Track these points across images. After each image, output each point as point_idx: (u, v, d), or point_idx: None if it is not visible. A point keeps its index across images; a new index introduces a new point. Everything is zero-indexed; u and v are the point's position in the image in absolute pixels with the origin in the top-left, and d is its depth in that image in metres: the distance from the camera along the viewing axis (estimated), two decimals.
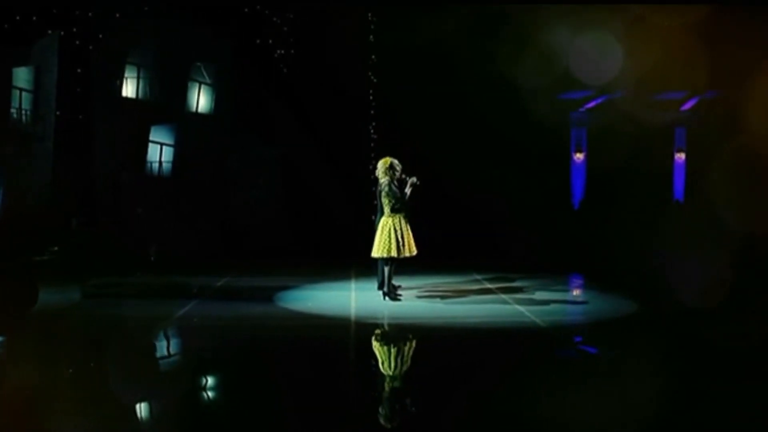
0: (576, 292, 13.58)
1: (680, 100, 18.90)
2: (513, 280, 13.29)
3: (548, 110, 17.48)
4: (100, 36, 16.98)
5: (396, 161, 11.30)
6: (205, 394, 7.43)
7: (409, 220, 11.34)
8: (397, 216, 11.25)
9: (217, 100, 19.10)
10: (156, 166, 18.79)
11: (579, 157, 19.37)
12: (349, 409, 6.69)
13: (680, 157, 19.27)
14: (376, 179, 11.51)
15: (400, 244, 11.16)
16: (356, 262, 13.53)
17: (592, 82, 17.95)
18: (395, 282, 11.67)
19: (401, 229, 11.21)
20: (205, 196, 18.22)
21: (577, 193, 19.34)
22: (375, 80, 17.11)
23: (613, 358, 8.67)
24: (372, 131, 17.16)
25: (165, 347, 9.55)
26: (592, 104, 19.03)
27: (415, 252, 11.33)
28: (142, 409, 7.00)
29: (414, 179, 11.27)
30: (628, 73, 16.96)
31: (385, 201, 11.26)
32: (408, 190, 11.30)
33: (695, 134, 18.67)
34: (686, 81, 17.41)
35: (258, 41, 17.33)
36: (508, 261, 15.66)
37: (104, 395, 7.19)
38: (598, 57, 16.72)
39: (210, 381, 7.93)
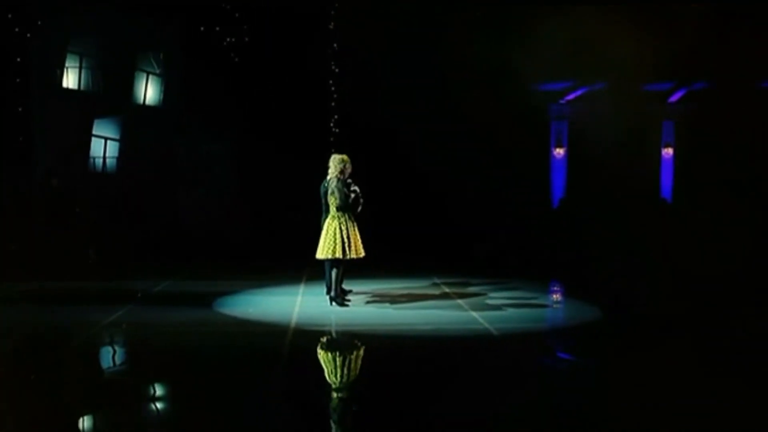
0: (542, 299, 12.78)
1: (667, 92, 18.41)
2: (475, 285, 12.72)
3: (527, 102, 17.18)
4: (39, 23, 16.44)
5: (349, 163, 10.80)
6: (111, 409, 6.77)
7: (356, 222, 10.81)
8: (343, 216, 10.73)
9: (166, 91, 18.59)
10: (99, 161, 18.29)
11: (559, 152, 18.93)
12: (265, 426, 6.23)
13: (668, 152, 18.81)
14: (323, 178, 10.97)
15: (346, 245, 10.62)
16: (309, 264, 12.82)
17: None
18: (346, 286, 11.15)
19: (347, 229, 10.68)
20: (151, 193, 17.76)
21: (556, 190, 18.93)
22: (337, 70, 16.20)
23: (559, 368, 8.45)
24: (333, 125, 16.31)
25: (80, 357, 8.76)
26: (572, 96, 18.60)
27: (362, 254, 10.79)
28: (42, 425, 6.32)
29: (356, 188, 10.77)
30: (611, 63, 16.37)
31: (331, 199, 10.75)
32: (351, 195, 10.81)
33: (684, 128, 18.25)
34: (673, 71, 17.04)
35: (202, 28, 16.74)
36: (476, 264, 15.18)
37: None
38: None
39: (120, 394, 7.24)
